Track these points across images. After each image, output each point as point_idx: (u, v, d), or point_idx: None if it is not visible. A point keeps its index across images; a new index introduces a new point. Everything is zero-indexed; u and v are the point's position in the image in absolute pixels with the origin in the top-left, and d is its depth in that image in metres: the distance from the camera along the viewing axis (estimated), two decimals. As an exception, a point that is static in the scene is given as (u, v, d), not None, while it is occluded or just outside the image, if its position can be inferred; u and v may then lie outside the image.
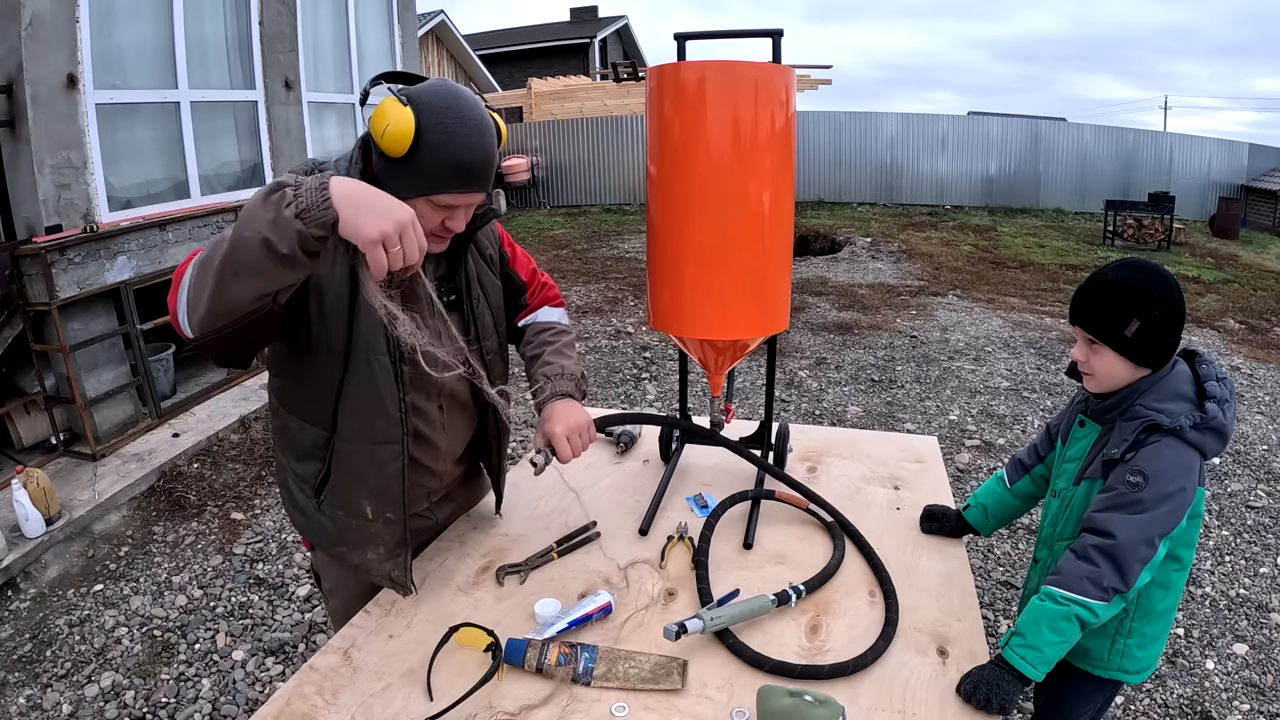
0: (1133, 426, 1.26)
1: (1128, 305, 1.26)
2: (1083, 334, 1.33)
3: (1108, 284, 1.29)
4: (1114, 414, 1.33)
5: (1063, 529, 1.42)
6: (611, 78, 15.05)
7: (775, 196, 1.46)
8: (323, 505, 1.36)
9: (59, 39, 3.66)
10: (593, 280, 7.85)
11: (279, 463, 1.44)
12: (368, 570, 1.38)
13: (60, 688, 2.47)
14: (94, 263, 3.76)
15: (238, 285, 0.97)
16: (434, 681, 1.16)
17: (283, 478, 1.44)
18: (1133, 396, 1.30)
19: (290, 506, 1.44)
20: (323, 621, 2.78)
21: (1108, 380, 1.33)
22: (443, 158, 1.13)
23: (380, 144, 1.11)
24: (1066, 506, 1.41)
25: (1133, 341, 1.27)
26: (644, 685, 1.14)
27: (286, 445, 1.38)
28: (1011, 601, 2.82)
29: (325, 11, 5.84)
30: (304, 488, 1.38)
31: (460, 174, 1.15)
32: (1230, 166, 12.88)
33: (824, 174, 13.31)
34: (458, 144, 1.13)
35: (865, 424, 4.40)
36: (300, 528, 1.45)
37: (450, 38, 17.70)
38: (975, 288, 7.63)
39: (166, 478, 3.72)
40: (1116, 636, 1.36)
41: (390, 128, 1.08)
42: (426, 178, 1.14)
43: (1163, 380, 1.29)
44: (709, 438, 1.73)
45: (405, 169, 1.13)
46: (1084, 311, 1.32)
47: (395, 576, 1.37)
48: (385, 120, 1.09)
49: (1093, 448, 1.37)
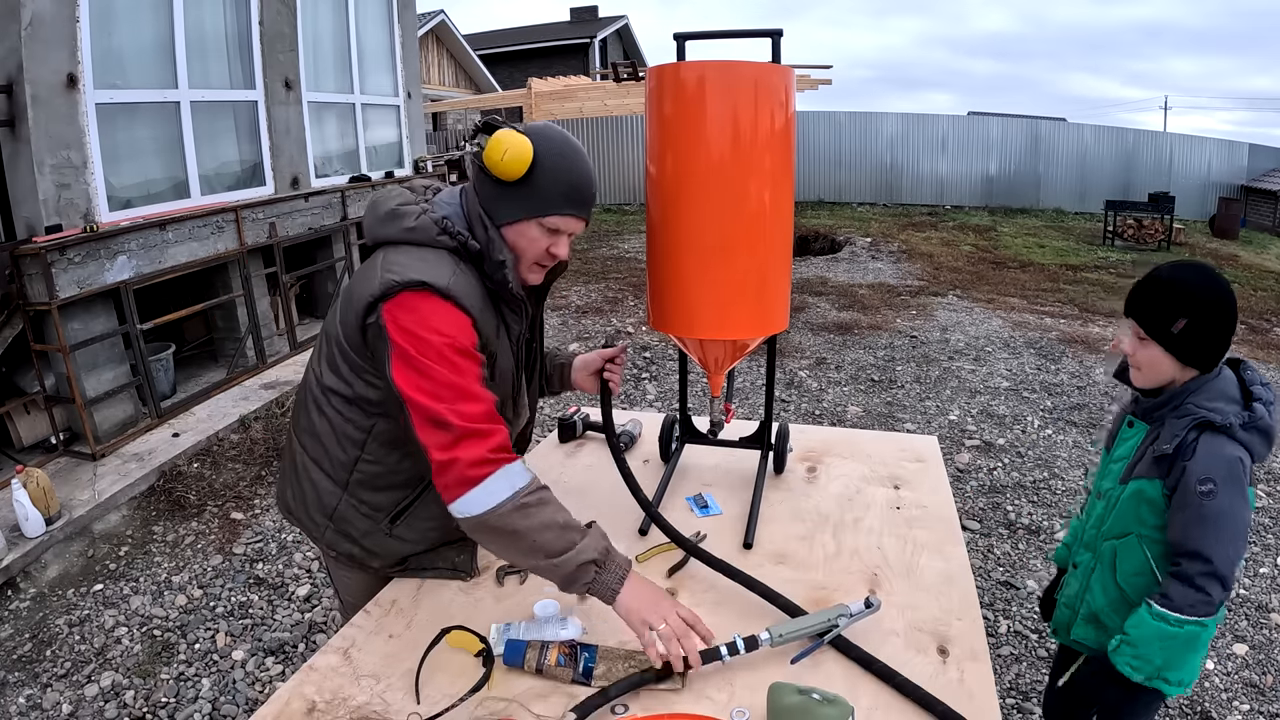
0: (1184, 423, 1.30)
1: (1177, 302, 1.30)
2: (1134, 327, 1.36)
3: (1161, 280, 1.33)
4: (1163, 411, 1.37)
5: (1110, 528, 1.43)
6: (611, 78, 15.05)
7: (775, 196, 1.46)
8: (397, 528, 1.38)
9: (59, 39, 3.66)
10: (593, 280, 7.85)
11: (325, 492, 1.36)
12: (434, 565, 1.43)
13: (60, 687, 2.47)
14: (94, 262, 3.76)
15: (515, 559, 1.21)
16: (434, 682, 1.16)
17: (329, 506, 1.37)
18: (1182, 395, 1.34)
19: (330, 533, 1.38)
20: (323, 621, 2.78)
21: (1153, 375, 1.36)
22: (557, 181, 1.24)
23: (498, 169, 1.20)
24: (1113, 506, 1.42)
25: (1179, 339, 1.30)
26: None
27: (364, 480, 1.34)
28: (1011, 601, 2.82)
29: (325, 11, 5.84)
30: (373, 515, 1.36)
31: (572, 197, 1.26)
32: (1230, 167, 12.89)
33: (824, 174, 13.32)
34: (571, 169, 1.25)
35: (865, 424, 4.40)
36: (341, 552, 1.40)
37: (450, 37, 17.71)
38: (975, 288, 7.63)
39: (166, 477, 3.72)
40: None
41: (509, 152, 1.18)
42: (541, 200, 1.24)
43: (1211, 382, 1.33)
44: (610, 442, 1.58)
45: (519, 193, 1.23)
46: (1136, 304, 1.36)
47: (460, 563, 1.43)
48: (504, 146, 1.18)
49: (1141, 446, 1.40)
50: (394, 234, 1.24)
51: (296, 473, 1.40)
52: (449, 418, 1.13)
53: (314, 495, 1.37)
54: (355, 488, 1.35)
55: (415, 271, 1.17)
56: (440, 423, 1.13)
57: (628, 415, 2.19)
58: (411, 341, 1.14)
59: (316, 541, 1.43)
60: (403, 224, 1.24)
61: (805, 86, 13.39)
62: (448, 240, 1.23)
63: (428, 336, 1.15)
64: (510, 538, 1.15)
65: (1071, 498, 3.57)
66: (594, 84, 16.14)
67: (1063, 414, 4.52)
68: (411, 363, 1.14)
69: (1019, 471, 3.83)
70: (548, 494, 1.19)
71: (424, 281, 1.16)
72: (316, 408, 1.34)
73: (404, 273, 1.17)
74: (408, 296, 1.16)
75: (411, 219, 1.24)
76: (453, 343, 1.16)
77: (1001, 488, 3.68)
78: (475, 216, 1.26)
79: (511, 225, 1.27)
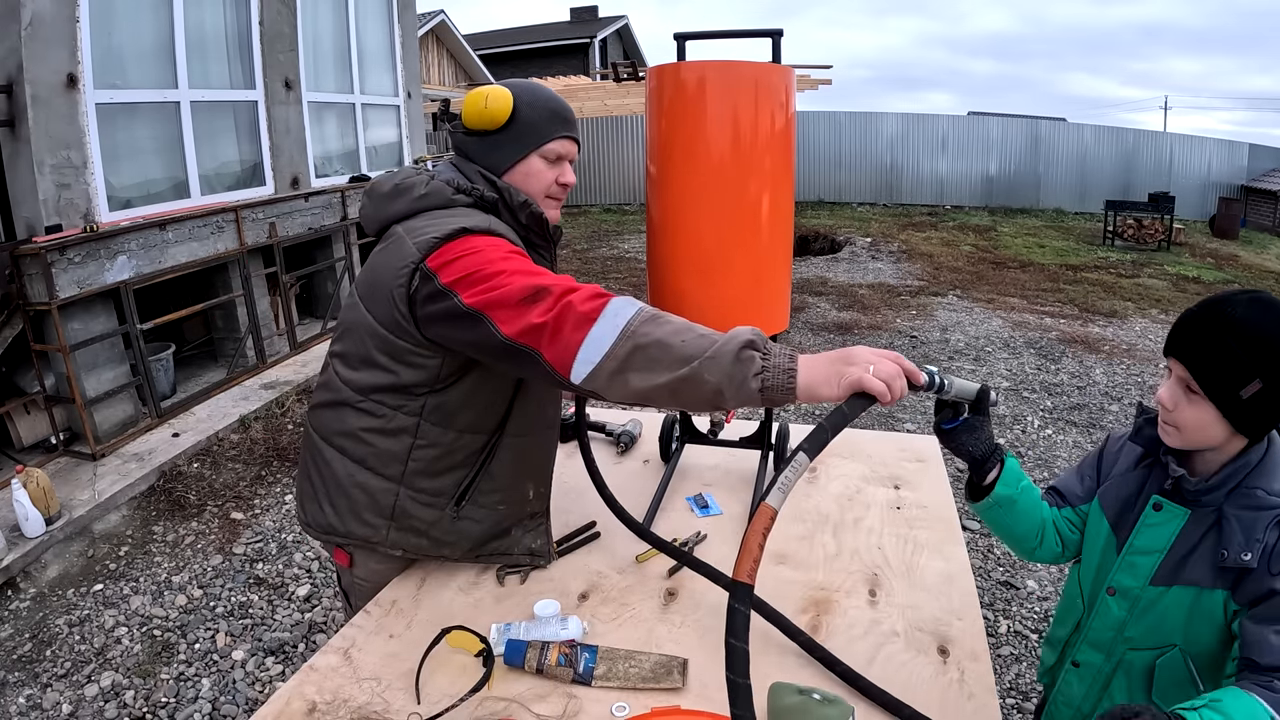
0: (1259, 520, 0.99)
1: (1254, 358, 0.95)
2: (1181, 372, 1.02)
3: (1233, 323, 0.97)
4: (1216, 495, 1.03)
5: (1142, 638, 1.12)
6: (611, 78, 15.05)
7: (775, 197, 1.46)
8: (464, 510, 1.33)
9: (59, 38, 3.66)
10: (593, 280, 7.84)
11: (379, 492, 1.29)
12: (510, 550, 1.42)
13: (60, 687, 2.47)
14: (94, 262, 3.76)
15: (661, 398, 0.98)
16: (434, 682, 1.16)
17: (386, 506, 1.30)
18: (1239, 474, 1.02)
19: (394, 533, 1.32)
20: (323, 621, 2.78)
21: (1195, 438, 1.03)
22: (540, 108, 1.29)
23: (484, 118, 1.25)
24: (1145, 612, 1.11)
25: (1246, 405, 0.97)
26: (644, 685, 1.14)
27: (420, 469, 1.28)
28: (1011, 601, 2.82)
29: (325, 11, 5.84)
30: (438, 503, 1.31)
31: (558, 117, 1.31)
32: (1230, 167, 12.89)
33: (824, 174, 13.33)
34: (546, 95, 1.31)
35: (865, 424, 4.40)
36: (409, 547, 1.34)
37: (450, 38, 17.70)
38: (975, 288, 7.63)
39: (166, 477, 3.72)
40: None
41: (491, 98, 1.24)
42: (532, 130, 1.28)
43: (1268, 456, 1.02)
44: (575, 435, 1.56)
45: (510, 133, 1.28)
46: (1191, 347, 1.00)
47: (537, 547, 1.43)
48: (483, 96, 1.24)
49: (1179, 539, 1.07)
50: (405, 208, 1.23)
51: (339, 483, 1.31)
52: (543, 282, 1.04)
53: (365, 499, 1.30)
54: (412, 478, 1.29)
55: (451, 224, 1.14)
56: (533, 294, 1.02)
57: (628, 415, 2.19)
58: (470, 265, 1.08)
59: (376, 546, 1.33)
60: (412, 195, 1.23)
61: (805, 86, 13.39)
62: (464, 198, 1.23)
63: (486, 251, 1.10)
64: (655, 351, 0.96)
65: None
66: (594, 84, 16.15)
67: (1063, 414, 4.52)
68: (480, 279, 1.06)
69: (1019, 471, 3.83)
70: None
71: (464, 228, 1.14)
72: (353, 409, 1.27)
73: (441, 228, 1.14)
74: (450, 245, 1.12)
75: (421, 187, 1.23)
76: (514, 249, 1.14)
77: (1001, 488, 3.68)
78: (474, 174, 1.28)
79: (515, 167, 1.30)
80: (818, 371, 0.93)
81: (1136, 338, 6.07)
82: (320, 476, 1.33)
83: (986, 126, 13.34)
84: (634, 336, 0.98)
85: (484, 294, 1.05)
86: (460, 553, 1.39)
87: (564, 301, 1.01)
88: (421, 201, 1.22)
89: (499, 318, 1.04)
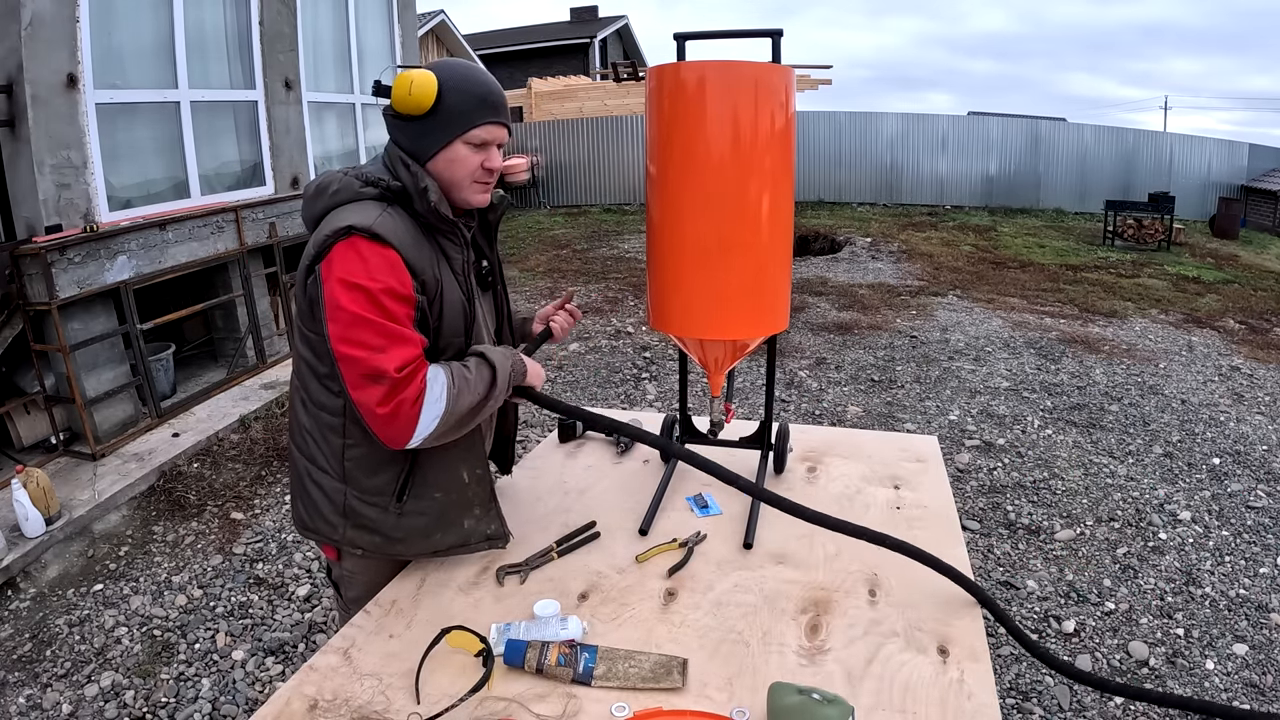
0: None
1: None
2: None
3: None
4: None
5: None
6: (611, 78, 15.05)
7: (775, 196, 1.46)
8: (406, 506, 1.38)
9: (59, 38, 3.66)
10: (593, 280, 7.85)
11: (331, 491, 1.37)
12: (465, 541, 1.43)
13: (60, 687, 2.47)
14: (94, 262, 3.76)
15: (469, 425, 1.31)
16: (434, 682, 1.16)
17: (338, 504, 1.37)
18: None
19: (350, 530, 1.38)
20: (323, 621, 2.78)
21: None
22: (466, 93, 1.27)
23: (408, 104, 1.24)
24: None
25: None
26: (644, 685, 1.14)
27: (356, 467, 1.34)
28: (1011, 601, 2.82)
29: (325, 11, 5.84)
30: (380, 501, 1.36)
31: (485, 104, 1.29)
32: (1230, 166, 12.88)
33: (824, 174, 13.31)
34: (477, 80, 1.29)
35: (865, 424, 4.40)
36: (366, 546, 1.40)
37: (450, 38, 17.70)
38: (975, 288, 7.63)
39: (166, 477, 3.72)
40: None
41: (415, 84, 1.22)
42: (458, 116, 1.27)
43: None
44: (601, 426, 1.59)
45: (435, 119, 1.26)
46: None
47: (492, 531, 1.45)
48: (408, 81, 1.23)
49: None
50: (321, 207, 1.29)
51: (302, 482, 1.40)
52: (382, 365, 1.17)
53: (322, 497, 1.38)
54: (353, 477, 1.36)
55: (341, 220, 1.22)
56: (374, 375, 1.17)
57: (628, 415, 2.19)
58: (341, 295, 1.18)
59: (339, 544, 1.40)
60: (328, 194, 1.29)
61: (805, 86, 13.39)
62: (370, 190, 1.27)
63: (361, 282, 1.18)
64: (460, 421, 1.26)
65: (1072, 498, 3.58)
66: (594, 84, 16.15)
67: (1063, 414, 4.52)
68: (342, 314, 1.18)
69: (1019, 471, 3.83)
70: (454, 366, 1.27)
71: (350, 226, 1.20)
72: (302, 406, 1.37)
73: (331, 225, 1.23)
74: (337, 250, 1.20)
75: (335, 185, 1.29)
76: (383, 285, 1.19)
77: (1001, 488, 3.68)
78: (396, 160, 1.30)
79: (439, 154, 1.30)
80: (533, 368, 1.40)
81: (1136, 338, 6.07)
82: (295, 475, 1.43)
83: (986, 126, 13.32)
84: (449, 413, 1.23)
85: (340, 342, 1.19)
86: (416, 550, 1.42)
87: (394, 407, 1.18)
88: (334, 198, 1.28)
89: (347, 374, 1.20)
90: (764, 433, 1.82)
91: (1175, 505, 3.51)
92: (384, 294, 1.19)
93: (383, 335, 1.18)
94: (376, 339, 1.18)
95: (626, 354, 5.64)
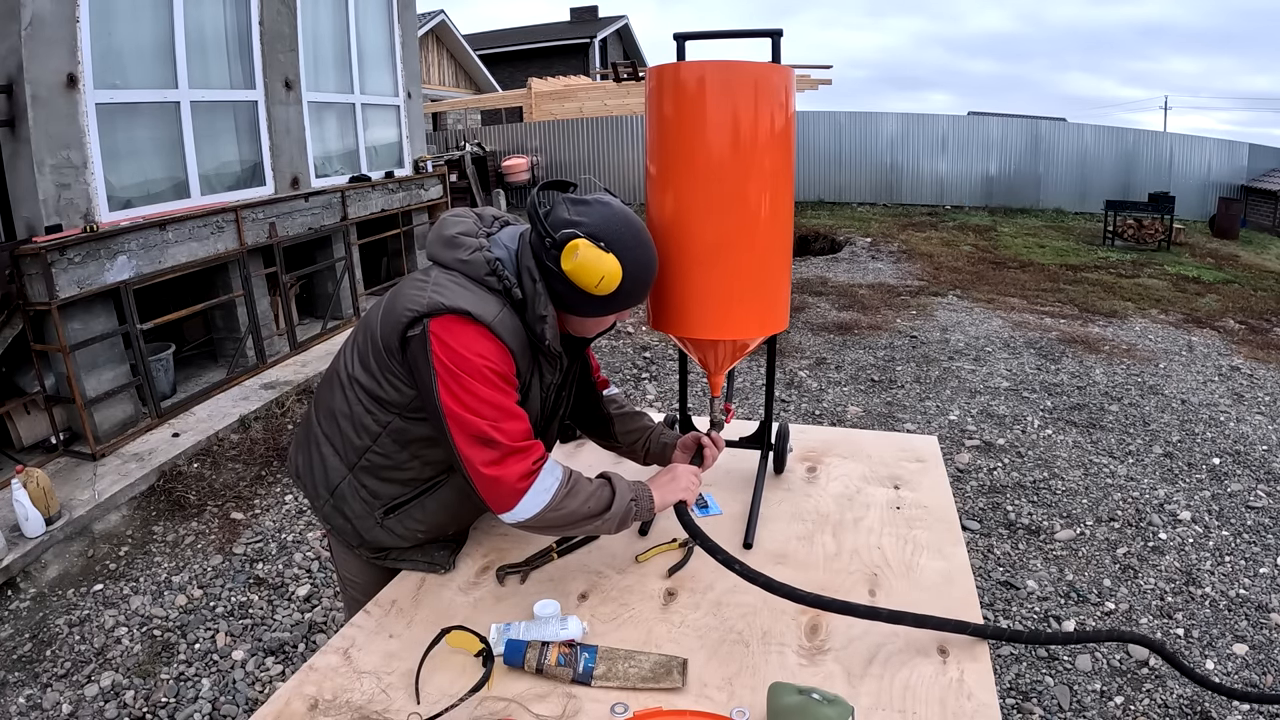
0: None
1: None
2: None
3: None
4: None
5: None
6: (611, 78, 15.04)
7: (775, 197, 1.46)
8: (388, 521, 1.42)
9: (59, 38, 3.66)
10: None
11: (331, 469, 1.41)
12: (410, 557, 1.47)
13: (60, 687, 2.47)
14: (94, 262, 3.76)
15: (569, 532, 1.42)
16: (435, 681, 1.16)
17: (333, 483, 1.42)
18: None
19: (329, 507, 1.44)
20: (323, 621, 2.78)
21: None
22: (640, 283, 1.31)
23: (585, 285, 1.23)
24: None
25: None
26: (644, 685, 1.14)
27: (370, 468, 1.39)
28: (1011, 601, 2.82)
29: (325, 11, 5.84)
30: (371, 501, 1.41)
31: (647, 289, 1.35)
32: (1230, 167, 12.88)
33: (824, 174, 13.32)
34: (648, 275, 1.33)
35: (865, 424, 4.40)
36: (335, 526, 1.46)
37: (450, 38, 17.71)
38: (975, 288, 7.63)
39: (166, 477, 3.72)
40: None
41: (605, 279, 1.22)
42: (623, 299, 1.30)
43: None
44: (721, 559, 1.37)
45: (603, 300, 1.27)
46: None
47: (438, 558, 1.47)
48: (600, 272, 1.22)
49: None
50: (448, 260, 1.30)
51: (310, 443, 1.45)
52: (495, 435, 1.20)
53: (321, 469, 1.43)
54: (360, 472, 1.39)
55: (464, 301, 1.23)
56: (486, 440, 1.20)
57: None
58: (455, 360, 1.20)
59: (316, 511, 1.49)
60: (457, 254, 1.29)
61: (805, 86, 13.39)
62: (495, 281, 1.27)
63: (471, 357, 1.21)
64: (561, 521, 1.27)
65: (1071, 498, 3.58)
66: (594, 84, 16.14)
67: (1063, 414, 4.52)
68: (456, 380, 1.20)
69: (1019, 471, 3.83)
70: (576, 474, 1.30)
71: (469, 311, 1.22)
72: (341, 391, 1.39)
73: (453, 300, 1.23)
74: (453, 320, 1.22)
75: (466, 251, 1.28)
76: (494, 366, 1.22)
77: (1001, 488, 3.68)
78: (525, 270, 1.28)
79: (585, 319, 1.35)
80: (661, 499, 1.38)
81: (1136, 338, 6.07)
82: (307, 433, 1.48)
83: (986, 126, 13.32)
84: (549, 516, 1.25)
85: (454, 398, 1.21)
86: (367, 553, 1.48)
87: (499, 472, 1.21)
88: (460, 265, 1.28)
89: (455, 429, 1.21)
90: (764, 433, 1.82)
91: (1175, 505, 3.51)
92: (493, 372, 1.22)
93: (493, 406, 1.21)
94: (486, 408, 1.21)
95: (626, 354, 5.64)
